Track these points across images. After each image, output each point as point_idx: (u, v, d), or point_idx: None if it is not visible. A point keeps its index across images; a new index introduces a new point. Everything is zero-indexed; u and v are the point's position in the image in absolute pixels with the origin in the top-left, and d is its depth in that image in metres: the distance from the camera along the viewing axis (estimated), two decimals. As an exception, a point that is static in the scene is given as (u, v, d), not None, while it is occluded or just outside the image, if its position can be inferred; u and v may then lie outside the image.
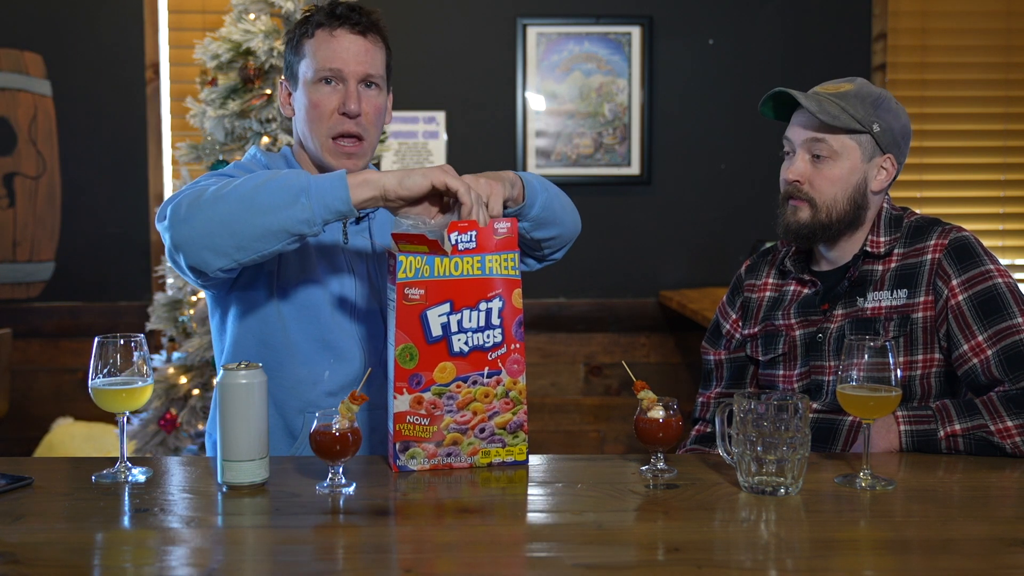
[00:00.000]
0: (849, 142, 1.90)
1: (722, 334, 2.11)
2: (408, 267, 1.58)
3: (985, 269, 1.83)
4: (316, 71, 1.82)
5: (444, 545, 1.34)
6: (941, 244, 1.87)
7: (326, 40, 1.83)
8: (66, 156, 4.18)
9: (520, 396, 1.66)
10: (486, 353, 1.62)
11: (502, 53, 4.19)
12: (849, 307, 1.91)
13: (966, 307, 1.82)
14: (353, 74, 1.83)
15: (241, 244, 1.57)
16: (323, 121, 1.83)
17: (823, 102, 1.88)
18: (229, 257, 1.59)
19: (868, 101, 1.90)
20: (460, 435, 1.64)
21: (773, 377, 2.00)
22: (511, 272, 1.63)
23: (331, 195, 1.56)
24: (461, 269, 1.60)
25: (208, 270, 1.61)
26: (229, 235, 1.57)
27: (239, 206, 1.57)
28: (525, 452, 1.68)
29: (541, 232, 1.87)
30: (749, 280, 2.10)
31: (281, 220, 1.56)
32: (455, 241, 1.59)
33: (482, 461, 1.66)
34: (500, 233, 1.62)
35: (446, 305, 1.60)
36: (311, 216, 1.56)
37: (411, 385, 1.60)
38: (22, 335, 4.11)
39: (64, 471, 1.70)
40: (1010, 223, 4.34)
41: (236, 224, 1.56)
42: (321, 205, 1.56)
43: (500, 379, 1.64)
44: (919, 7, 4.25)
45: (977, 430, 1.72)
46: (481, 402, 1.63)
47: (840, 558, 1.29)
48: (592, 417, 4.30)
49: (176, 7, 4.16)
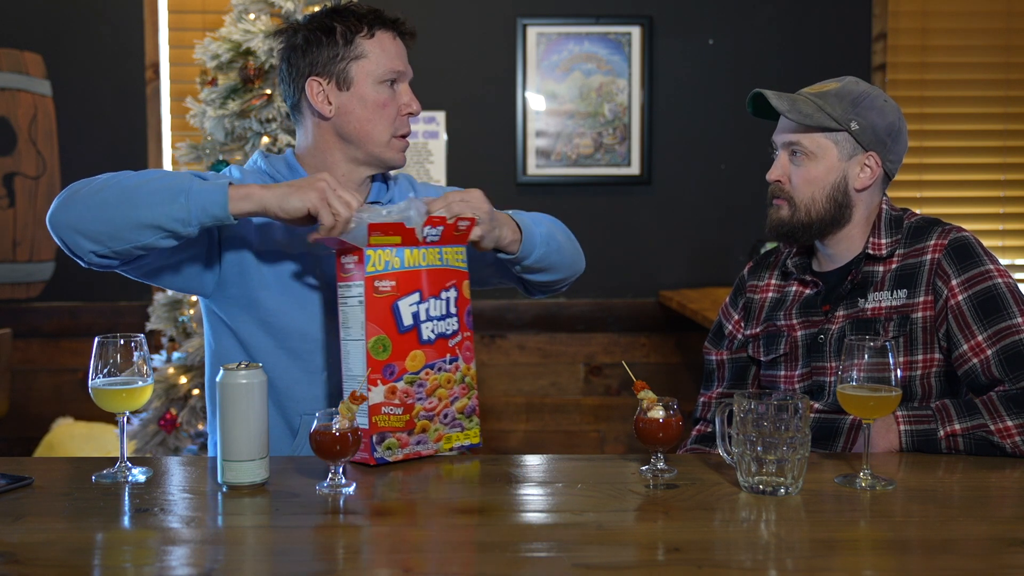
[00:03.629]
0: (824, 141, 1.90)
1: (724, 335, 2.11)
2: (377, 260, 1.63)
3: (985, 269, 1.83)
4: (385, 71, 1.86)
5: (444, 545, 1.34)
6: (941, 244, 1.87)
7: (390, 42, 1.88)
8: (66, 156, 4.18)
9: (472, 381, 1.75)
10: (447, 340, 1.71)
11: (502, 53, 4.19)
12: (850, 308, 1.91)
13: (966, 307, 1.82)
14: (407, 76, 1.92)
15: (114, 233, 1.65)
16: (391, 120, 1.88)
17: (797, 102, 1.89)
18: (102, 244, 1.66)
19: (848, 99, 1.90)
20: (428, 422, 1.69)
21: (774, 378, 2.00)
22: (461, 264, 1.74)
23: (209, 201, 1.64)
24: (427, 260, 1.69)
25: (81, 254, 1.69)
26: (103, 222, 1.65)
27: (119, 197, 1.65)
28: (478, 435, 1.76)
29: (532, 276, 1.92)
30: (751, 281, 2.10)
31: (156, 215, 1.64)
32: (426, 234, 1.67)
33: (445, 447, 1.72)
34: (460, 230, 1.71)
35: (416, 295, 1.67)
36: (186, 216, 1.64)
37: (385, 375, 1.64)
38: (22, 335, 4.11)
39: (64, 471, 1.70)
40: (1010, 223, 4.34)
41: (111, 212, 1.64)
42: (198, 208, 1.64)
43: (458, 365, 1.73)
44: (919, 7, 4.25)
45: (977, 430, 1.72)
46: (445, 388, 1.71)
47: (840, 558, 1.29)
48: (592, 417, 4.30)
49: (176, 7, 4.16)
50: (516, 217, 1.85)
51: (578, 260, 2.02)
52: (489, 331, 4.21)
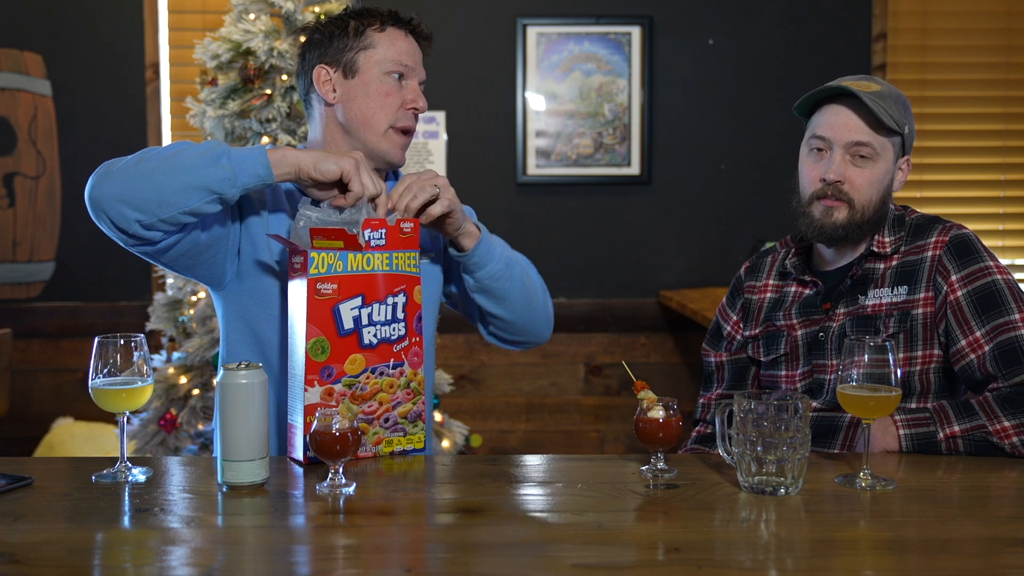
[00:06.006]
0: (887, 142, 1.90)
1: (723, 336, 2.11)
2: (320, 263, 1.64)
3: (984, 266, 1.84)
4: (392, 62, 1.88)
5: (444, 545, 1.34)
6: (942, 241, 1.88)
7: (401, 38, 1.90)
8: (66, 156, 4.18)
9: (419, 387, 1.75)
10: (392, 345, 1.71)
11: (502, 53, 4.19)
12: (851, 305, 1.91)
13: (965, 303, 1.82)
14: (417, 75, 1.92)
15: (161, 198, 1.65)
16: (392, 111, 1.88)
17: (880, 103, 1.86)
18: (148, 212, 1.66)
19: (900, 102, 1.91)
20: (367, 425, 1.69)
21: (775, 377, 1.99)
22: (413, 269, 1.73)
23: (251, 161, 1.68)
24: (373, 264, 1.68)
25: (125, 225, 1.67)
26: (150, 188, 1.65)
27: (161, 164, 1.67)
28: (423, 440, 1.76)
29: (484, 301, 1.90)
30: (749, 282, 2.09)
31: (202, 177, 1.66)
32: (368, 238, 1.67)
33: (385, 450, 1.73)
34: (405, 232, 1.71)
35: (358, 299, 1.67)
36: (231, 176, 1.66)
37: (322, 377, 1.65)
38: (22, 335, 4.11)
39: (64, 471, 1.70)
40: (1010, 223, 4.34)
41: (157, 178, 1.66)
42: (241, 169, 1.67)
43: (403, 370, 1.72)
44: (919, 7, 4.25)
45: (976, 431, 1.72)
46: (387, 392, 1.71)
47: (840, 558, 1.29)
48: (592, 417, 4.30)
49: (176, 7, 4.16)
50: (484, 229, 1.87)
51: (538, 316, 1.95)
52: (489, 331, 4.21)
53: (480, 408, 4.27)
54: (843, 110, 1.88)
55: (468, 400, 4.24)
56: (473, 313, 2.00)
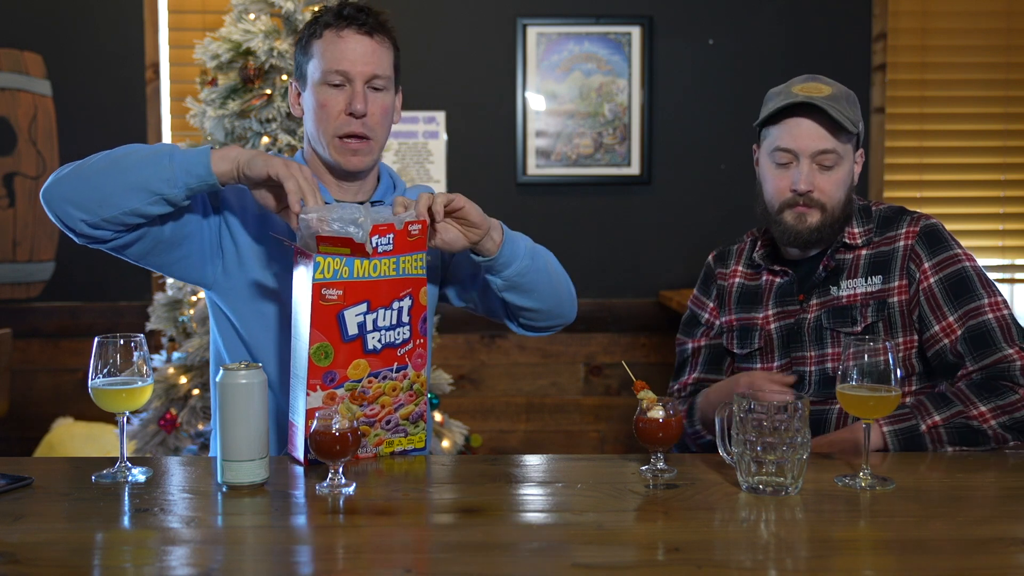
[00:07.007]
0: (847, 145, 1.96)
1: (700, 323, 2.15)
2: (326, 268, 1.61)
3: (954, 253, 1.91)
4: (324, 72, 1.83)
5: (444, 545, 1.34)
6: (913, 231, 1.94)
7: (333, 41, 1.83)
8: (66, 156, 4.17)
9: (422, 388, 1.73)
10: (396, 349, 1.68)
11: (502, 53, 4.19)
12: (823, 296, 1.95)
13: (937, 289, 1.88)
14: (360, 75, 1.83)
15: (102, 198, 1.66)
16: (330, 121, 1.84)
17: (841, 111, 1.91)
18: (91, 212, 1.67)
19: (851, 100, 1.96)
20: (368, 428, 1.69)
21: (751, 370, 2.02)
22: (419, 271, 1.69)
23: (193, 161, 1.67)
24: (379, 271, 1.65)
25: (72, 224, 1.69)
26: (92, 189, 1.67)
27: (107, 165, 1.68)
28: (424, 440, 1.75)
29: (514, 297, 1.87)
30: (719, 269, 2.16)
31: (144, 178, 1.66)
32: (375, 244, 1.62)
33: (385, 451, 1.72)
34: (412, 235, 1.67)
35: (363, 305, 1.64)
36: (171, 176, 1.66)
37: (324, 382, 1.63)
38: (22, 335, 4.11)
39: (64, 471, 1.70)
40: (1010, 223, 4.34)
41: (99, 179, 1.67)
42: (182, 169, 1.66)
43: (406, 373, 1.70)
44: (919, 7, 4.25)
45: (956, 417, 1.78)
46: (389, 396, 1.69)
47: (840, 558, 1.29)
48: (592, 417, 4.30)
49: (176, 7, 4.16)
50: (504, 227, 1.83)
51: (565, 299, 1.96)
52: (489, 331, 4.21)
53: (480, 408, 4.26)
54: (804, 120, 1.93)
55: (468, 400, 4.24)
56: (497, 311, 1.97)
